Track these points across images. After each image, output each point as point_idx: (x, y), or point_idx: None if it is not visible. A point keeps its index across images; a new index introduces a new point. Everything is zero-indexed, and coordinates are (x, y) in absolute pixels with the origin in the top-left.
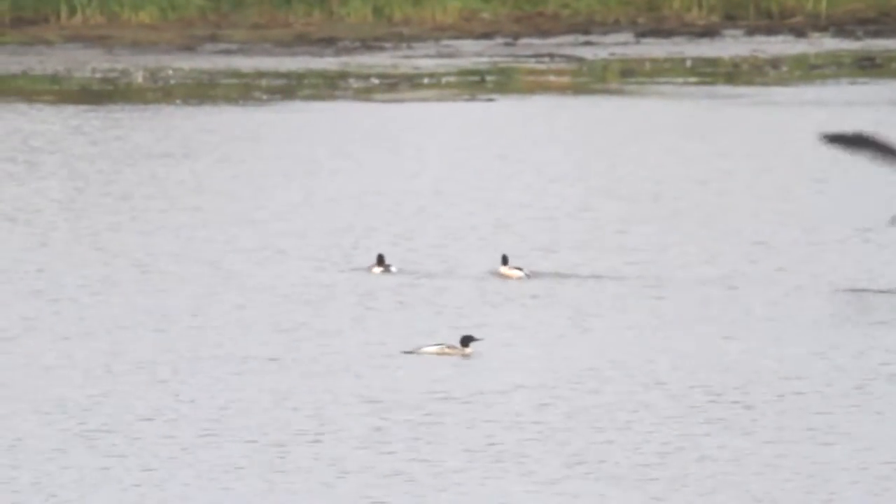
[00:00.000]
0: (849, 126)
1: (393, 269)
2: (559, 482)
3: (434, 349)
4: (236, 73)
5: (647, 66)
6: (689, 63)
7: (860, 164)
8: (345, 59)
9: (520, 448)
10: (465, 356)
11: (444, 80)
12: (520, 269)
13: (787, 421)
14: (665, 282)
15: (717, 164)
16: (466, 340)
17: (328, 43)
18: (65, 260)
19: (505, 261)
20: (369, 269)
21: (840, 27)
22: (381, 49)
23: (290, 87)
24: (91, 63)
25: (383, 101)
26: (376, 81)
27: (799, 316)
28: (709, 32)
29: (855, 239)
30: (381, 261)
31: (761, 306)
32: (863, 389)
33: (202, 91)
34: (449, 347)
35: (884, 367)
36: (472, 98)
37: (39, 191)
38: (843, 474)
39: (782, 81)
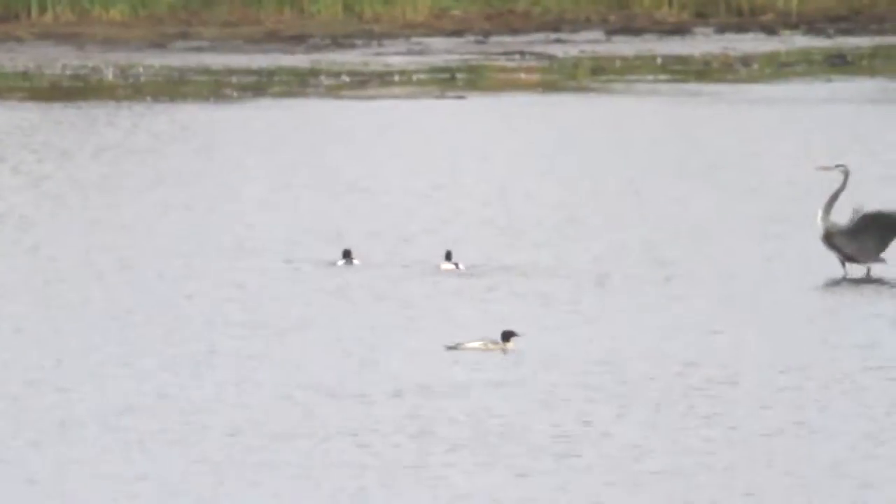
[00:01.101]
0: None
1: (356, 262)
2: (549, 474)
3: (477, 344)
4: (207, 71)
5: (618, 63)
6: (659, 61)
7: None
8: (315, 56)
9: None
10: (506, 351)
11: (414, 77)
12: (456, 264)
13: (771, 414)
14: (622, 277)
15: (684, 161)
16: (507, 336)
17: (299, 40)
18: (35, 254)
19: (448, 256)
20: (334, 263)
21: (811, 25)
22: (352, 46)
23: (260, 85)
24: (61, 60)
25: (354, 99)
26: (347, 79)
27: (768, 308)
28: (679, 30)
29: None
30: (346, 255)
31: (734, 299)
32: (842, 382)
33: (172, 88)
34: (492, 343)
35: (864, 359)
36: (443, 95)
37: (6, 186)
38: (826, 467)
39: (753, 79)
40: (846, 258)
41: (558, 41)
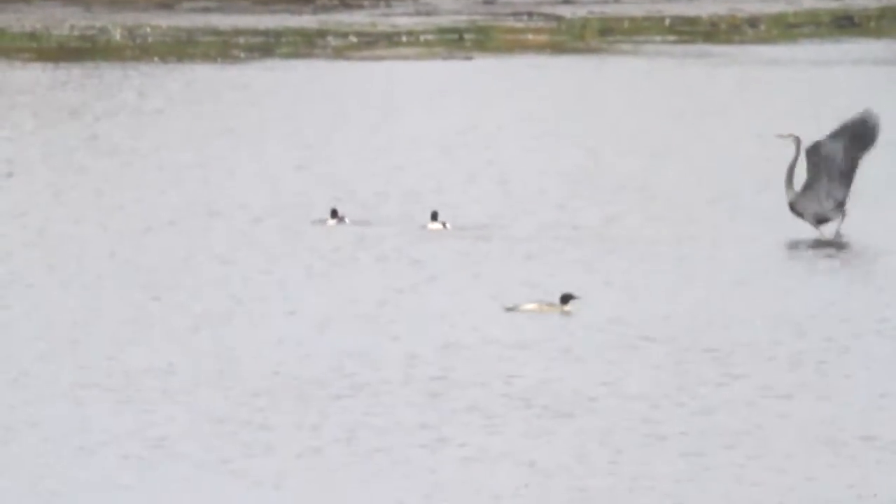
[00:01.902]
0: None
1: (347, 220)
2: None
3: (533, 306)
4: (214, 31)
5: (626, 24)
6: (667, 22)
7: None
8: (323, 17)
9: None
10: (565, 313)
11: (422, 38)
12: (444, 223)
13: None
14: (620, 241)
15: (688, 124)
16: (566, 298)
17: (306, 1)
18: (44, 214)
19: (434, 216)
20: (324, 221)
21: None
22: (360, 7)
23: (268, 45)
24: (69, 20)
25: (361, 60)
26: (354, 39)
27: (760, 272)
28: None
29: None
30: (334, 214)
31: (727, 264)
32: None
33: (180, 49)
34: (548, 305)
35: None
36: (450, 56)
37: (13, 146)
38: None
39: (760, 40)
40: (815, 220)
41: (566, 2)
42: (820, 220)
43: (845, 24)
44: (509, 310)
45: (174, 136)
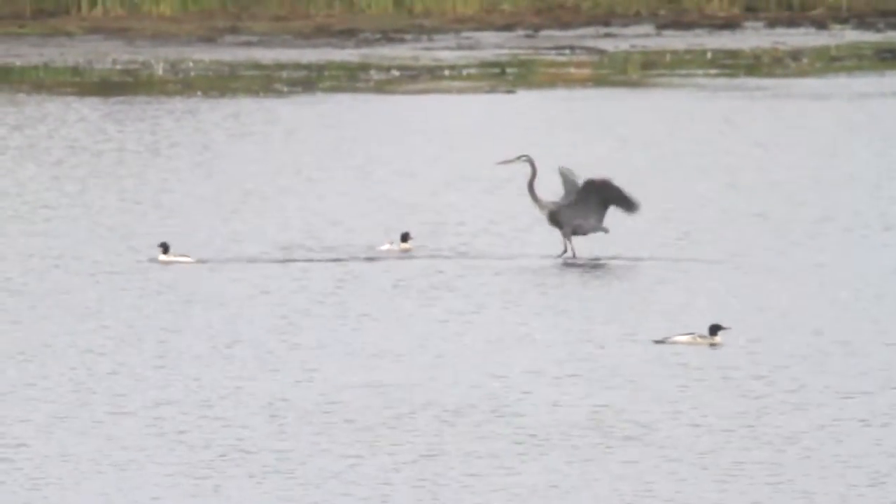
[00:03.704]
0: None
1: (410, 245)
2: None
3: (685, 339)
4: (257, 65)
5: (668, 58)
6: (709, 55)
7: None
8: (365, 50)
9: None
10: (715, 345)
11: (464, 72)
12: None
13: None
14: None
15: (735, 155)
16: (714, 329)
17: (349, 35)
18: (88, 244)
19: (404, 238)
20: (387, 247)
21: (861, 19)
22: (402, 41)
23: (310, 79)
24: (112, 55)
25: (404, 93)
26: (397, 73)
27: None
28: (730, 24)
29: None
30: (404, 238)
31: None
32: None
33: (223, 83)
34: (700, 337)
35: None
36: (493, 90)
37: (55, 180)
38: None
39: (803, 73)
40: (573, 231)
41: (608, 35)
42: (577, 233)
43: (888, 57)
44: (658, 342)
45: (217, 170)
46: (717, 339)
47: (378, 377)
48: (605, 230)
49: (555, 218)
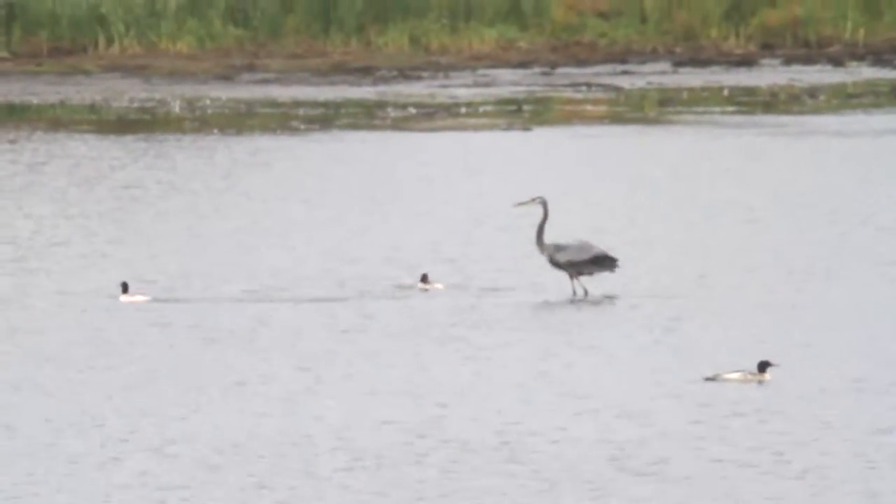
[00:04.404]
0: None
1: (438, 285)
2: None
3: (736, 376)
4: (273, 103)
5: (685, 95)
6: (726, 92)
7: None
8: (382, 88)
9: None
10: (762, 382)
11: (481, 109)
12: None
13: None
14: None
15: (754, 193)
16: (763, 366)
17: (365, 72)
18: (100, 278)
19: (424, 279)
20: (418, 286)
21: (878, 56)
22: (419, 78)
23: (327, 117)
24: (129, 93)
25: (421, 131)
26: (413, 111)
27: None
28: (746, 61)
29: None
30: (424, 279)
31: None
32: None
33: (240, 120)
34: (750, 374)
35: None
36: (509, 127)
37: (71, 217)
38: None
39: (820, 110)
40: (577, 272)
41: (625, 73)
42: (581, 273)
43: None
44: (709, 379)
45: (232, 207)
46: (766, 376)
47: (396, 415)
48: (611, 264)
49: (556, 262)
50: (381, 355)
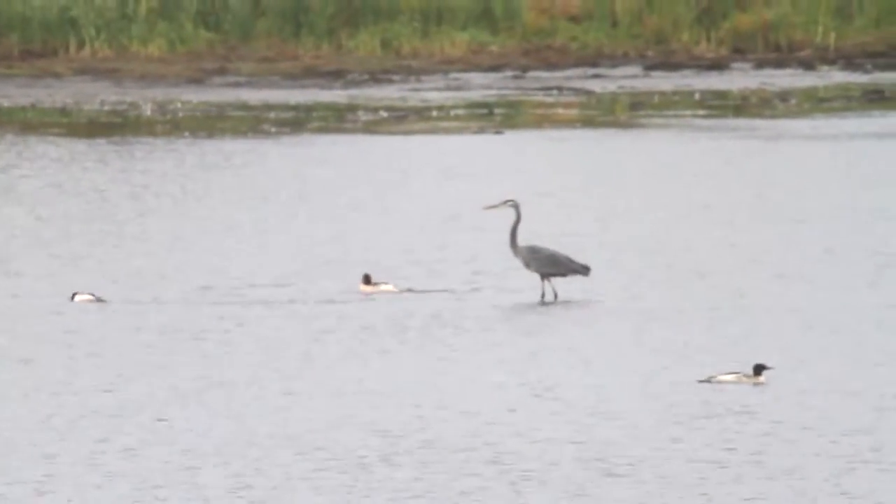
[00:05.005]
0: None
1: (386, 286)
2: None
3: (730, 378)
4: (245, 106)
5: (656, 98)
6: (697, 96)
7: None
8: (353, 91)
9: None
10: (759, 384)
11: (452, 112)
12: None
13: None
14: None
15: (724, 196)
16: (759, 369)
17: (337, 76)
18: (68, 282)
19: (367, 280)
20: (360, 288)
21: (849, 60)
22: (390, 82)
23: (298, 120)
24: (100, 96)
25: (392, 134)
26: (385, 114)
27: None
28: (717, 65)
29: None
30: (367, 280)
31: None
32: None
33: (211, 123)
34: (745, 376)
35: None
36: (481, 131)
37: (41, 220)
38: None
39: (791, 114)
40: (549, 275)
41: (596, 76)
42: (555, 275)
43: (875, 99)
44: (703, 382)
45: (203, 210)
46: (762, 378)
47: (370, 416)
48: (584, 273)
49: (529, 266)
50: (354, 357)
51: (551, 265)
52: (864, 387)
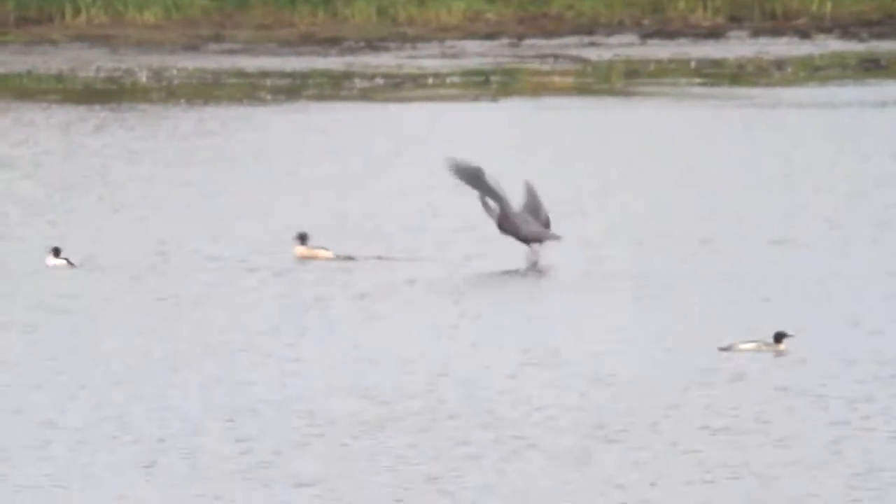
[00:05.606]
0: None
1: (323, 252)
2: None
3: (751, 346)
4: (241, 73)
5: (652, 67)
6: (693, 64)
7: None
8: (349, 59)
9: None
10: (780, 353)
11: (448, 80)
12: (67, 259)
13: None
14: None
15: (712, 167)
16: (779, 337)
17: (333, 43)
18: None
19: (303, 239)
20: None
21: (845, 29)
22: (386, 49)
23: (294, 87)
24: (95, 62)
25: (387, 102)
26: (381, 82)
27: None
28: (713, 34)
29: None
30: (302, 238)
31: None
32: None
33: (206, 91)
34: (765, 345)
35: None
36: (476, 98)
37: (37, 187)
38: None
39: (787, 83)
40: (524, 240)
41: (592, 45)
42: (531, 241)
43: (872, 67)
44: (723, 350)
45: (198, 176)
46: (782, 346)
47: (370, 383)
48: (557, 238)
49: (503, 227)
50: (351, 324)
51: (522, 226)
52: (857, 355)
